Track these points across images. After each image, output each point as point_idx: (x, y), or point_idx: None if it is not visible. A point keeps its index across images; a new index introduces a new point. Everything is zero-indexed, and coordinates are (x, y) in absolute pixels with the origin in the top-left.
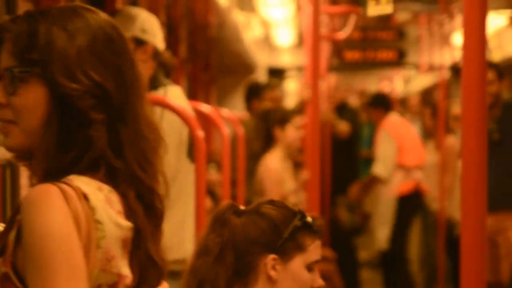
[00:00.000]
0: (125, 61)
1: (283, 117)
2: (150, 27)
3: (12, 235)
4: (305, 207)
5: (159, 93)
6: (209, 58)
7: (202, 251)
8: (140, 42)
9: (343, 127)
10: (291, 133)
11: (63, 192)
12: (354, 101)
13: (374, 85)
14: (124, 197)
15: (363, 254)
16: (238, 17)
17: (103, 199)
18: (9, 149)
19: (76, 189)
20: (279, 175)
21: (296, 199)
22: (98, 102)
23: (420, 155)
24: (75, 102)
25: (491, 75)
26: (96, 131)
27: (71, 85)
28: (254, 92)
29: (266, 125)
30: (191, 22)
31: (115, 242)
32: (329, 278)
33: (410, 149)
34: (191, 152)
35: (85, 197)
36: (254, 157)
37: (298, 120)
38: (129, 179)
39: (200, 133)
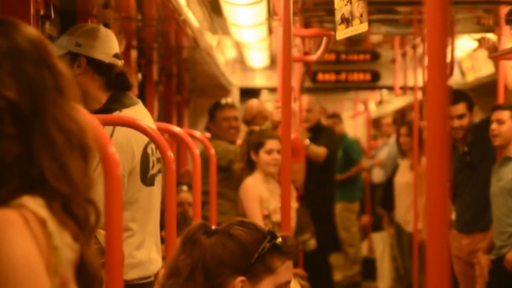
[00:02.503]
0: (38, 70)
1: (257, 141)
2: (86, 41)
3: None
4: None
5: (124, 113)
6: (182, 79)
7: (172, 272)
8: (74, 55)
9: (320, 150)
10: (263, 157)
11: (24, 218)
12: (327, 123)
13: (347, 107)
14: (52, 210)
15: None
16: (210, 39)
17: (56, 222)
18: None
19: (35, 214)
20: (256, 194)
21: (279, 218)
22: (6, 116)
23: None
24: None
25: (461, 108)
26: (7, 144)
27: None
28: (210, 113)
29: (247, 148)
30: (163, 44)
31: (69, 265)
32: None
33: None
34: (144, 176)
35: (42, 222)
36: (231, 178)
37: (270, 143)
38: (49, 190)
39: (170, 154)
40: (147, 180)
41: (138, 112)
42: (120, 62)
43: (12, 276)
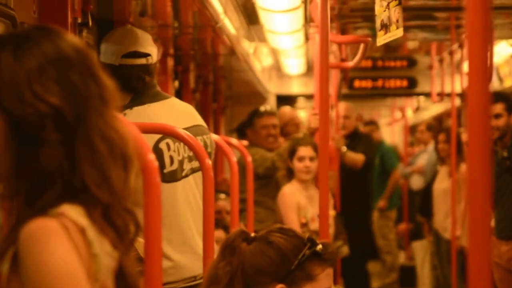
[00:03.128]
0: (83, 79)
1: (291, 149)
2: (102, 48)
3: (4, 268)
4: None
5: (136, 110)
6: (218, 87)
7: (212, 280)
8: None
9: (358, 157)
10: (296, 164)
11: (64, 227)
12: (364, 130)
13: (384, 114)
14: (91, 218)
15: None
16: (246, 46)
17: (96, 230)
18: None
19: (74, 222)
20: (294, 202)
21: (317, 226)
22: (50, 122)
23: None
24: (25, 125)
25: (499, 108)
26: (50, 150)
27: (19, 109)
28: (248, 120)
29: (287, 157)
30: (199, 51)
31: (108, 273)
32: None
33: None
34: (160, 172)
35: (82, 231)
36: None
37: (301, 151)
38: (90, 198)
39: (208, 162)
40: (164, 176)
41: (161, 108)
42: (139, 59)
43: (53, 285)
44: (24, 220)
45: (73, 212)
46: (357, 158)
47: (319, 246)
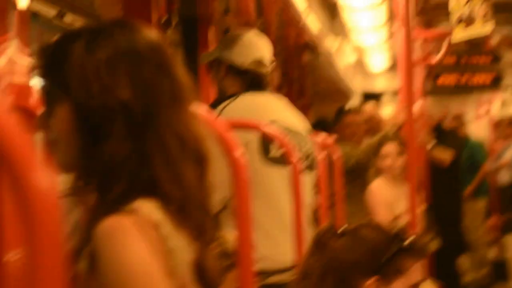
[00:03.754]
0: (155, 75)
1: (378, 145)
2: (228, 47)
3: (81, 266)
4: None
5: (241, 98)
6: (304, 84)
7: (303, 275)
8: (218, 61)
9: (446, 153)
10: (381, 161)
11: (137, 224)
12: (450, 125)
13: (470, 109)
14: (167, 213)
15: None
16: (331, 43)
17: (172, 224)
18: (60, 168)
19: (148, 218)
20: (382, 197)
21: (405, 222)
22: (118, 116)
23: None
24: (92, 117)
25: None
26: (116, 144)
27: (87, 100)
28: (335, 117)
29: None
30: (284, 49)
31: (187, 268)
32: None
33: None
34: (264, 152)
35: (156, 226)
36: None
37: (386, 147)
38: (161, 194)
39: (296, 159)
40: (272, 159)
41: (266, 100)
42: (263, 67)
43: (131, 283)
44: (98, 216)
45: (147, 208)
46: (444, 154)
47: (409, 240)
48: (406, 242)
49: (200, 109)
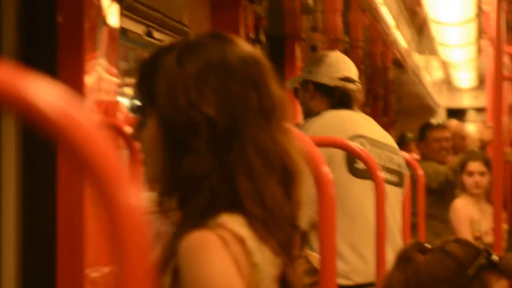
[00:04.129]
0: (244, 90)
1: (461, 163)
2: (314, 67)
3: (166, 280)
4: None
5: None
6: (388, 101)
7: None
8: (305, 82)
9: None
10: (465, 178)
11: (222, 239)
12: None
13: None
14: (252, 228)
15: None
16: (417, 59)
17: (257, 239)
18: (148, 181)
19: (233, 233)
20: (466, 215)
21: (491, 240)
22: (202, 131)
23: None
24: (177, 131)
25: None
26: (198, 158)
27: (172, 114)
28: (420, 134)
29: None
30: (369, 65)
31: (271, 282)
32: None
33: None
34: (351, 165)
35: (242, 241)
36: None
37: (471, 165)
38: (244, 210)
39: (379, 175)
40: (357, 172)
41: (352, 116)
42: (350, 84)
43: None
44: (183, 231)
45: (233, 223)
46: None
47: (495, 256)
48: (493, 258)
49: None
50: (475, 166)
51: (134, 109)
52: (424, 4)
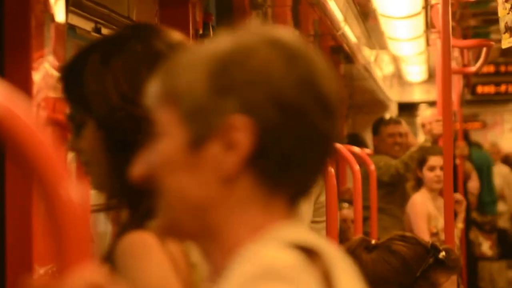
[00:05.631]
0: None
1: (420, 158)
2: None
3: None
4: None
5: None
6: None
7: None
8: None
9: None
10: (426, 173)
11: (159, 240)
12: None
13: (508, 119)
14: None
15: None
16: (367, 54)
17: None
18: (94, 189)
19: None
20: (425, 211)
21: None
22: (145, 124)
23: None
24: (118, 130)
25: None
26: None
27: (109, 114)
28: (374, 128)
29: (415, 166)
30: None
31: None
32: None
33: None
34: None
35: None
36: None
37: (432, 160)
38: None
39: (330, 170)
40: None
41: None
42: None
43: None
44: (124, 232)
45: None
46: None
47: (442, 253)
48: (439, 256)
49: None
50: (436, 160)
51: (68, 118)
52: None
